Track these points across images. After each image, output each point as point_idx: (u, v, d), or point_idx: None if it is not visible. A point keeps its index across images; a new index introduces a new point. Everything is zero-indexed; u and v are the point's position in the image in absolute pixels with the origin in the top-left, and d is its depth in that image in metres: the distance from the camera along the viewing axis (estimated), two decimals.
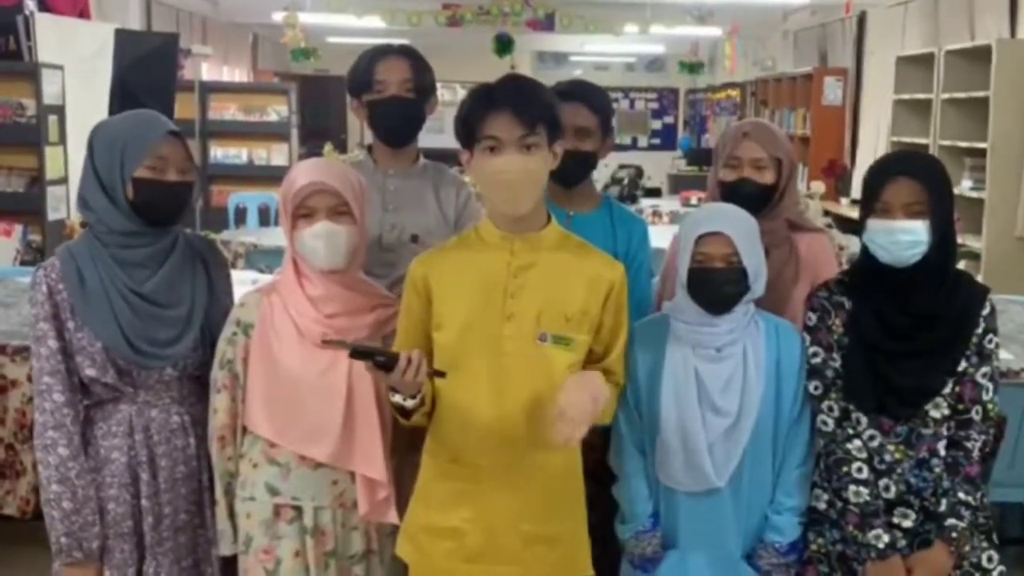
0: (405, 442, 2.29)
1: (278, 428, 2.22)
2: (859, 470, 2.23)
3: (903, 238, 2.17)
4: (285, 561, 2.22)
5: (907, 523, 2.24)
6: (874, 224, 2.20)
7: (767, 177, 2.51)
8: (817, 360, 2.28)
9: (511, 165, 2.06)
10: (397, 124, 2.66)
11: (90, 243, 2.22)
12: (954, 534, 2.19)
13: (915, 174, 2.19)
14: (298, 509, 2.24)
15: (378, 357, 2.01)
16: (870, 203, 2.22)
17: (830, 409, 2.26)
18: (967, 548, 2.22)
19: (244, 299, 2.30)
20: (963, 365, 2.23)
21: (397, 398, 2.08)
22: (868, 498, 2.22)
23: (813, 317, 2.31)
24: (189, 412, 2.31)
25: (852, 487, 2.23)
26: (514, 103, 2.06)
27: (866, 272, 2.27)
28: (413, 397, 2.07)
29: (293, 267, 2.26)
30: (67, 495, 2.17)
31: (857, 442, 2.24)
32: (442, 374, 2.05)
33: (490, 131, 2.07)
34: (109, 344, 2.18)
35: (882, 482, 2.25)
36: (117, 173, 2.18)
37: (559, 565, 2.20)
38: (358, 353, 2.03)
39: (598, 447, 2.38)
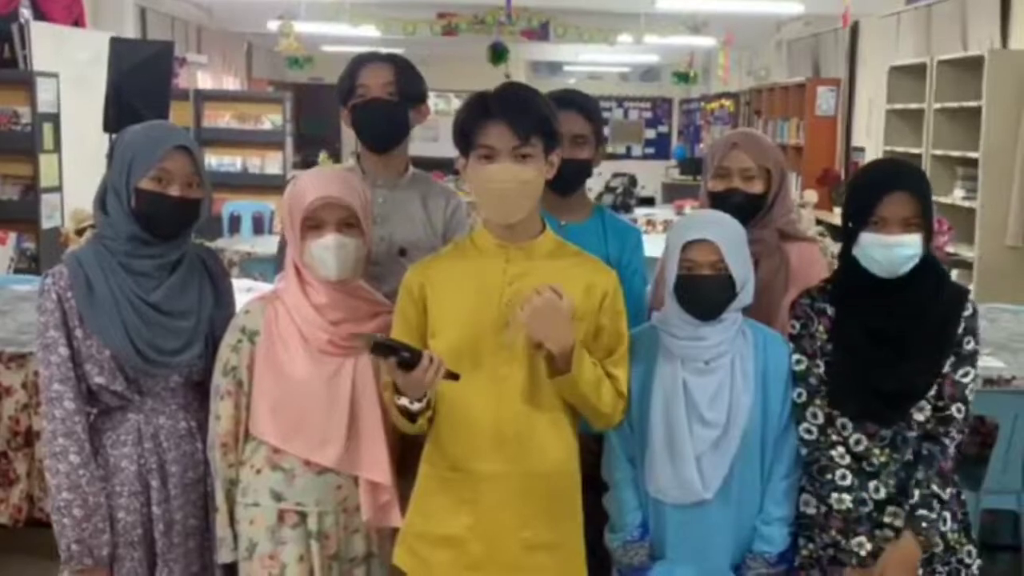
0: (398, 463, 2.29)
1: (284, 434, 2.22)
2: (843, 477, 2.24)
3: (901, 252, 2.18)
4: (290, 566, 2.22)
5: (898, 522, 2.24)
6: (869, 238, 2.19)
7: (756, 187, 2.53)
8: (801, 367, 2.29)
9: (504, 174, 2.07)
10: (379, 127, 2.63)
11: (97, 251, 2.22)
12: (924, 524, 2.19)
13: (911, 188, 2.19)
14: (302, 514, 2.24)
15: (403, 353, 1.98)
16: (863, 216, 2.20)
17: (814, 416, 2.27)
18: (935, 540, 2.21)
19: (248, 306, 2.30)
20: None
21: (403, 401, 2.07)
22: (851, 505, 2.23)
23: (796, 325, 2.32)
24: (195, 417, 2.32)
25: (835, 494, 2.23)
26: (510, 114, 2.07)
27: (853, 282, 2.27)
28: (419, 400, 2.07)
29: (296, 275, 2.26)
30: (78, 502, 2.17)
31: (840, 448, 2.25)
32: (456, 376, 2.04)
33: (485, 140, 2.08)
34: (117, 352, 2.19)
35: (871, 484, 2.25)
36: (124, 180, 2.19)
37: (558, 572, 2.20)
38: (380, 347, 2.00)
39: (591, 458, 2.37)
